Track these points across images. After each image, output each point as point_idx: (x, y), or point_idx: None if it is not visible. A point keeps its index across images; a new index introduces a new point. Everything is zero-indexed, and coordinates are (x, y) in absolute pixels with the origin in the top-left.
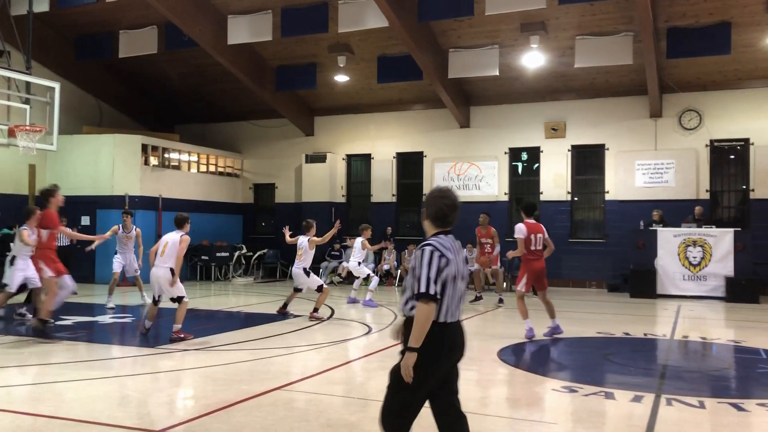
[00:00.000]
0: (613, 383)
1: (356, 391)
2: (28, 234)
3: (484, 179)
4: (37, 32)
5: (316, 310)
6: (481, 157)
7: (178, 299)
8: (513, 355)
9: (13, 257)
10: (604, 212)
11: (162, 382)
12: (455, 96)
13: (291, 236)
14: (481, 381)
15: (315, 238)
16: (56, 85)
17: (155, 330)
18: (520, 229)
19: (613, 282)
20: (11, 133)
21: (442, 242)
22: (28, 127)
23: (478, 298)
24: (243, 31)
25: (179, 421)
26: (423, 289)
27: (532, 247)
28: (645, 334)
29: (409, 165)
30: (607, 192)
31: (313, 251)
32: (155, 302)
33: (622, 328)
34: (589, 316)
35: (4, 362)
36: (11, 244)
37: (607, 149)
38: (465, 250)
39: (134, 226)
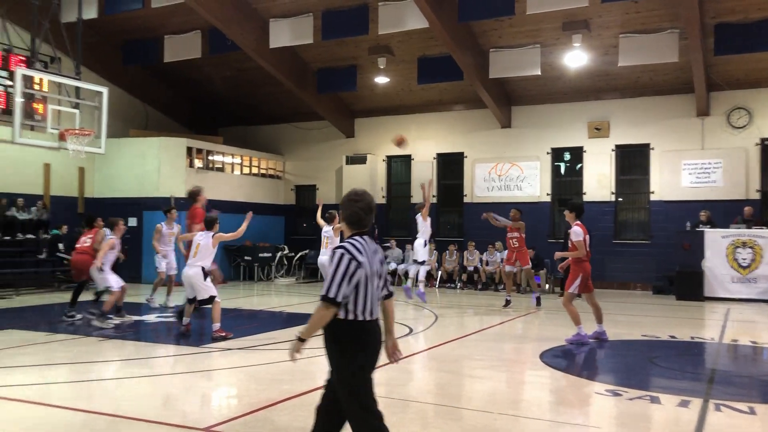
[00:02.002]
0: (659, 387)
1: (397, 391)
2: (113, 242)
3: (525, 180)
4: (86, 38)
5: None
6: (523, 157)
7: (210, 299)
8: (555, 358)
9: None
10: (649, 213)
11: (206, 381)
12: (496, 96)
13: (321, 216)
14: (523, 384)
15: (338, 226)
16: (104, 90)
17: (198, 329)
18: (579, 232)
19: (659, 284)
20: (61, 137)
21: (355, 245)
22: (77, 131)
23: (507, 302)
24: (284, 34)
25: (224, 419)
26: (324, 292)
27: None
28: (692, 338)
29: (450, 166)
30: (652, 192)
31: (338, 239)
32: (190, 302)
33: (668, 331)
34: (634, 318)
35: (56, 359)
36: (60, 245)
37: (652, 149)
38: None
39: (175, 223)
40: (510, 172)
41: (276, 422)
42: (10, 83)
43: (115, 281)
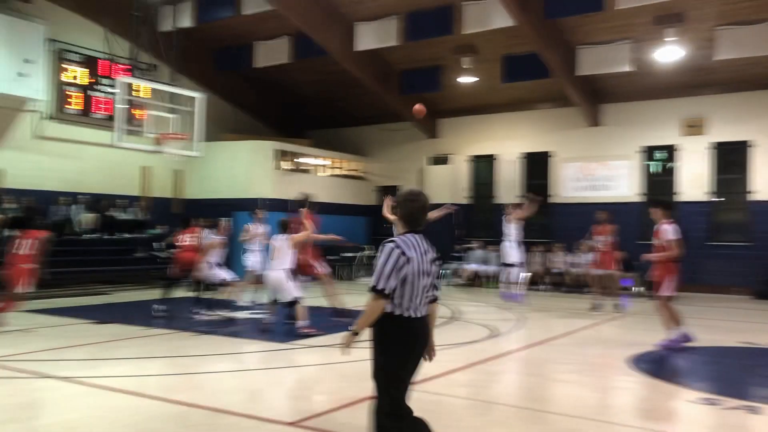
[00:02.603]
0: (760, 397)
1: (481, 394)
2: (222, 242)
3: (615, 179)
4: (181, 46)
5: None
6: (612, 156)
7: (295, 301)
8: (646, 363)
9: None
10: (750, 213)
11: (294, 376)
12: (584, 93)
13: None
14: (611, 389)
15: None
16: (200, 96)
17: (287, 327)
18: (676, 230)
19: (761, 289)
20: (159, 141)
21: (406, 240)
22: (174, 135)
23: (596, 306)
24: (370, 37)
25: (311, 414)
26: (374, 283)
27: None
28: None
29: (535, 165)
30: (753, 192)
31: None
32: (274, 303)
33: None
34: (732, 324)
35: (152, 352)
36: (157, 244)
37: (754, 146)
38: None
39: (261, 224)
40: (598, 171)
41: (361, 419)
42: (113, 90)
43: (227, 275)
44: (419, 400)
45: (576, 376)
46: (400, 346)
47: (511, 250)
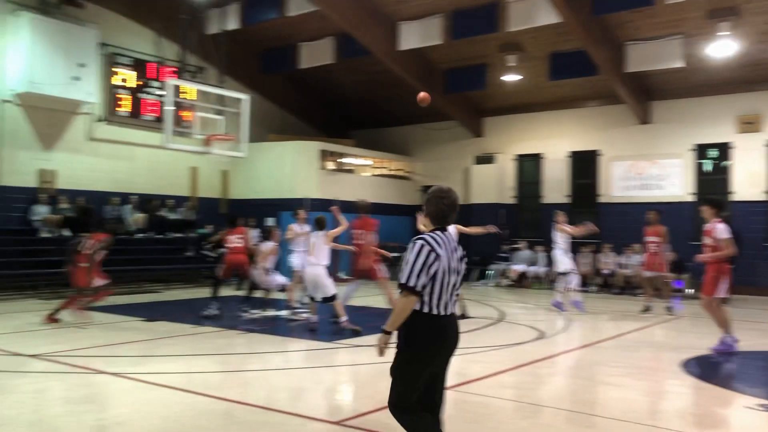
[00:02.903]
0: None
1: (527, 396)
2: (275, 249)
3: (666, 178)
4: (227, 48)
5: None
6: (664, 154)
7: (332, 297)
8: (699, 368)
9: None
10: None
11: (337, 376)
12: (634, 91)
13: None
14: (663, 393)
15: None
16: (246, 97)
17: (330, 326)
18: (727, 229)
19: None
20: (207, 143)
21: (435, 238)
22: (221, 137)
23: (647, 309)
24: (413, 36)
25: (354, 414)
26: (404, 280)
27: None
28: None
29: (584, 164)
30: None
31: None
32: (313, 300)
33: None
34: None
35: (200, 350)
36: (201, 242)
37: None
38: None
39: (305, 225)
40: (649, 170)
41: None
42: (161, 93)
43: (283, 279)
44: (465, 401)
45: (626, 380)
46: (429, 343)
47: (561, 257)
